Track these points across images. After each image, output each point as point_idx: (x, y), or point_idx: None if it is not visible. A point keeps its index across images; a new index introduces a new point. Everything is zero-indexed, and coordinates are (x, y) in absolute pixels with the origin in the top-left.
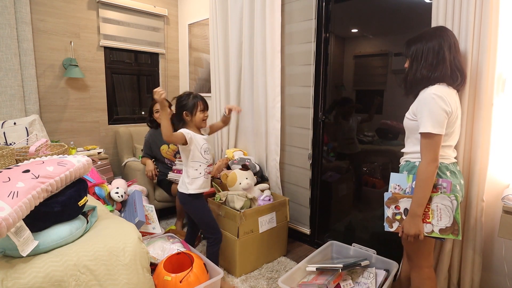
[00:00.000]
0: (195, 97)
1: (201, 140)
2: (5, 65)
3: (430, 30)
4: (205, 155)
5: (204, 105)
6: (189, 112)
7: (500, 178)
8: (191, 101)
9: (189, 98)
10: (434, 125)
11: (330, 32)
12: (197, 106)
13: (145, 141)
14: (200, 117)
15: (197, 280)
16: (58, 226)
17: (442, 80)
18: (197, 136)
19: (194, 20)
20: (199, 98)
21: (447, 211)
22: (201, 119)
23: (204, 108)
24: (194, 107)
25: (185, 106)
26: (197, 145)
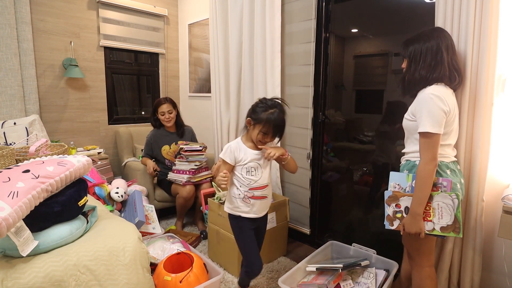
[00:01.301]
0: (271, 119)
1: (249, 155)
2: (5, 65)
3: (428, 31)
4: (248, 175)
5: (272, 132)
6: (252, 122)
7: (500, 178)
8: (265, 116)
9: (267, 111)
10: (433, 124)
11: (330, 32)
12: (264, 125)
13: (146, 141)
14: (255, 136)
15: (197, 280)
16: (58, 226)
17: (441, 80)
18: (244, 150)
19: (194, 20)
20: (273, 122)
21: (448, 210)
22: (257, 140)
23: (268, 133)
24: (261, 123)
25: (255, 114)
26: (240, 160)
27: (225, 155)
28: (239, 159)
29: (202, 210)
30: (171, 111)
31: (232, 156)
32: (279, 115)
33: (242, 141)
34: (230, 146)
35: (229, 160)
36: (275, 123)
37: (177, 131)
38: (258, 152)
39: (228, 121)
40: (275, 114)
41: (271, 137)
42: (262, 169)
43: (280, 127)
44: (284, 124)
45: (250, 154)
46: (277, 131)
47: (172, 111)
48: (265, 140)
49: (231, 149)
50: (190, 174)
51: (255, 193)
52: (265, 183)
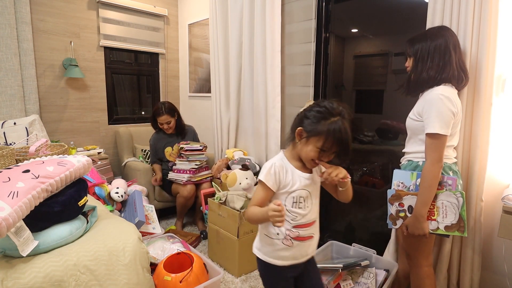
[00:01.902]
0: (336, 131)
1: (298, 179)
2: (5, 65)
3: (434, 29)
4: (294, 208)
5: (336, 149)
6: (305, 134)
7: (499, 178)
8: (326, 126)
9: (328, 120)
10: (442, 125)
11: (330, 32)
12: (324, 141)
13: (150, 147)
14: (310, 155)
15: (197, 280)
16: (58, 226)
17: (449, 81)
18: (292, 171)
19: (194, 20)
20: (337, 136)
21: (452, 208)
22: (309, 158)
23: (328, 151)
24: (320, 137)
25: (310, 123)
26: (286, 186)
27: (267, 177)
28: (284, 183)
29: (202, 210)
30: (169, 121)
31: (276, 180)
32: (345, 125)
33: (286, 158)
34: (275, 165)
35: (272, 185)
36: (340, 137)
37: (178, 133)
38: (309, 175)
39: (228, 121)
40: (339, 124)
41: (329, 156)
42: (312, 199)
43: (346, 143)
44: (350, 139)
45: (299, 178)
46: (342, 149)
47: (170, 121)
48: (321, 159)
49: (276, 170)
50: (191, 174)
51: (301, 232)
52: (313, 218)
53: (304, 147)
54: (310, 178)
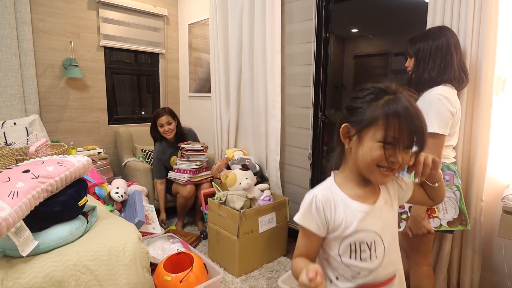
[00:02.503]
0: (400, 109)
1: (354, 215)
2: (5, 65)
3: (435, 29)
4: (353, 260)
5: (408, 137)
6: (354, 128)
7: (499, 178)
8: (382, 107)
9: (381, 99)
10: (440, 125)
11: (330, 32)
12: (386, 125)
13: (155, 160)
14: (371, 157)
15: (197, 280)
16: (58, 226)
17: (450, 82)
18: (345, 202)
19: (194, 20)
20: (405, 115)
21: (451, 203)
22: (372, 163)
23: (397, 142)
24: (378, 122)
25: (357, 111)
26: (338, 226)
27: (306, 217)
28: (334, 224)
29: (202, 210)
30: (170, 122)
31: (321, 220)
32: (409, 100)
33: (336, 184)
34: (316, 199)
35: (317, 229)
36: (408, 114)
37: (179, 139)
38: (372, 207)
39: (228, 121)
40: (401, 99)
41: (401, 152)
42: (384, 242)
43: (419, 125)
44: (424, 126)
45: (356, 214)
46: (415, 134)
47: (171, 122)
48: (392, 160)
49: (318, 205)
50: (191, 174)
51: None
52: (390, 273)
53: (359, 149)
54: (376, 212)
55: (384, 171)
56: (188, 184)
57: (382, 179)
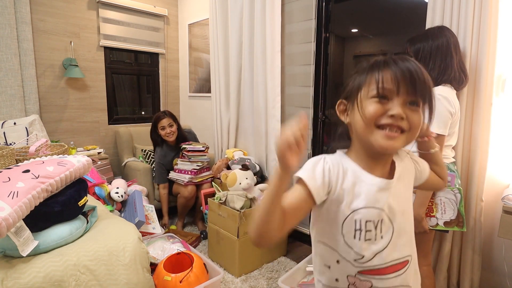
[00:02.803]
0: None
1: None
2: (5, 65)
3: (434, 29)
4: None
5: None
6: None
7: (500, 178)
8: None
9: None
10: (439, 125)
11: (330, 32)
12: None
13: (156, 165)
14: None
15: (197, 280)
16: (58, 226)
17: (449, 82)
18: (355, 172)
19: (194, 20)
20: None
21: (451, 204)
22: (370, 121)
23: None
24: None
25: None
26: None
27: (308, 173)
28: (338, 192)
29: (202, 210)
30: (171, 124)
31: (324, 181)
32: (398, 56)
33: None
34: (325, 160)
35: (315, 188)
36: (401, 61)
37: (179, 142)
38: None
39: (228, 121)
40: (393, 56)
41: (407, 104)
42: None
43: (413, 72)
44: (420, 71)
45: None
46: (414, 82)
47: (172, 124)
48: (392, 114)
49: (326, 165)
50: (192, 175)
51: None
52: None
53: (356, 114)
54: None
55: (387, 132)
56: (189, 185)
57: (387, 141)
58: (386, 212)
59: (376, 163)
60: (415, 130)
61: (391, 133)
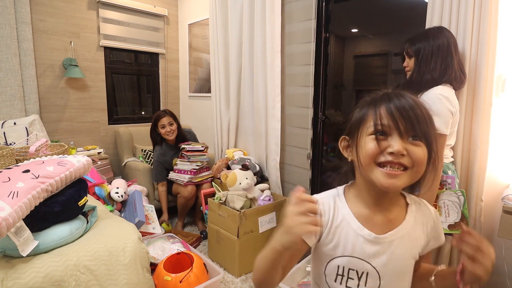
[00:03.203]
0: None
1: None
2: (5, 65)
3: (434, 29)
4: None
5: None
6: (350, 136)
7: (499, 178)
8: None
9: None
10: (441, 125)
11: (330, 32)
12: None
13: (155, 163)
14: (367, 152)
15: (197, 280)
16: (58, 226)
17: (450, 82)
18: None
19: (194, 20)
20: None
21: (454, 207)
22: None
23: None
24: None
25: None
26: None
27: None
28: (328, 236)
29: (202, 210)
30: (171, 122)
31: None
32: (400, 92)
33: (344, 197)
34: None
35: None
36: (397, 96)
37: (179, 141)
38: (380, 237)
39: (228, 121)
40: (391, 91)
41: (407, 139)
42: (380, 278)
43: (414, 106)
44: (419, 105)
45: (356, 238)
46: (411, 116)
47: (172, 122)
48: (391, 151)
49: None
50: (192, 175)
51: None
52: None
53: (358, 151)
54: (383, 244)
55: (387, 170)
56: (188, 185)
57: (388, 180)
58: (375, 267)
59: (380, 203)
60: (419, 167)
61: (392, 171)
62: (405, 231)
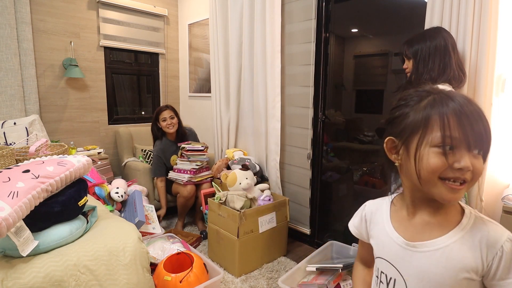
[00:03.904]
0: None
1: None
2: (5, 65)
3: (430, 30)
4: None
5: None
6: (400, 140)
7: (500, 178)
8: (422, 111)
9: (423, 101)
10: None
11: (330, 32)
12: (434, 128)
13: (155, 157)
14: (429, 167)
15: (197, 280)
16: (58, 226)
17: (449, 82)
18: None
19: (194, 20)
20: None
21: None
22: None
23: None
24: (420, 129)
25: (397, 124)
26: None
27: (353, 221)
28: (370, 236)
29: (202, 210)
30: (172, 116)
31: (362, 226)
32: (465, 96)
33: (392, 201)
34: (365, 206)
35: (358, 235)
36: (468, 106)
37: (179, 137)
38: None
39: (228, 121)
40: (457, 95)
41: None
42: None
43: (480, 118)
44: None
45: (388, 239)
46: (481, 129)
47: (173, 116)
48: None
49: (363, 212)
50: (191, 174)
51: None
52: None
53: (410, 163)
54: (413, 252)
55: (451, 184)
56: (188, 184)
57: (450, 194)
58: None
59: (411, 217)
60: (477, 179)
61: (456, 186)
62: (443, 244)
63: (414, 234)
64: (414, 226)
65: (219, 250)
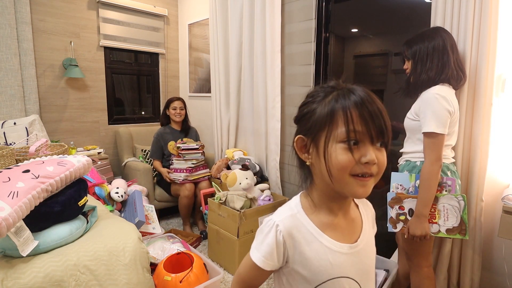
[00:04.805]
0: (350, 100)
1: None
2: (5, 65)
3: (429, 31)
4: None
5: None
6: (309, 138)
7: (500, 178)
8: (326, 106)
9: (328, 97)
10: (438, 124)
11: (330, 32)
12: (339, 123)
13: (154, 140)
14: (340, 164)
15: (197, 280)
16: (58, 226)
17: (448, 81)
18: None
19: (194, 20)
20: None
21: (454, 212)
22: (344, 171)
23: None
24: (326, 125)
25: (304, 122)
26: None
27: (259, 252)
28: (299, 260)
29: (202, 210)
30: (182, 107)
31: (279, 254)
32: (366, 90)
33: (303, 210)
34: (277, 229)
35: (269, 266)
36: (369, 101)
37: (183, 129)
38: (352, 245)
39: (228, 121)
40: (358, 89)
41: (375, 145)
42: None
43: (381, 112)
44: (383, 110)
45: (333, 253)
46: (382, 123)
47: (183, 108)
48: (366, 161)
49: (279, 235)
50: (187, 173)
51: None
52: None
53: (321, 161)
54: (359, 252)
55: (361, 179)
56: (186, 183)
57: (362, 189)
58: (357, 280)
59: (337, 218)
60: (382, 172)
61: (364, 179)
62: (369, 231)
63: (349, 235)
64: (343, 227)
65: (219, 250)
